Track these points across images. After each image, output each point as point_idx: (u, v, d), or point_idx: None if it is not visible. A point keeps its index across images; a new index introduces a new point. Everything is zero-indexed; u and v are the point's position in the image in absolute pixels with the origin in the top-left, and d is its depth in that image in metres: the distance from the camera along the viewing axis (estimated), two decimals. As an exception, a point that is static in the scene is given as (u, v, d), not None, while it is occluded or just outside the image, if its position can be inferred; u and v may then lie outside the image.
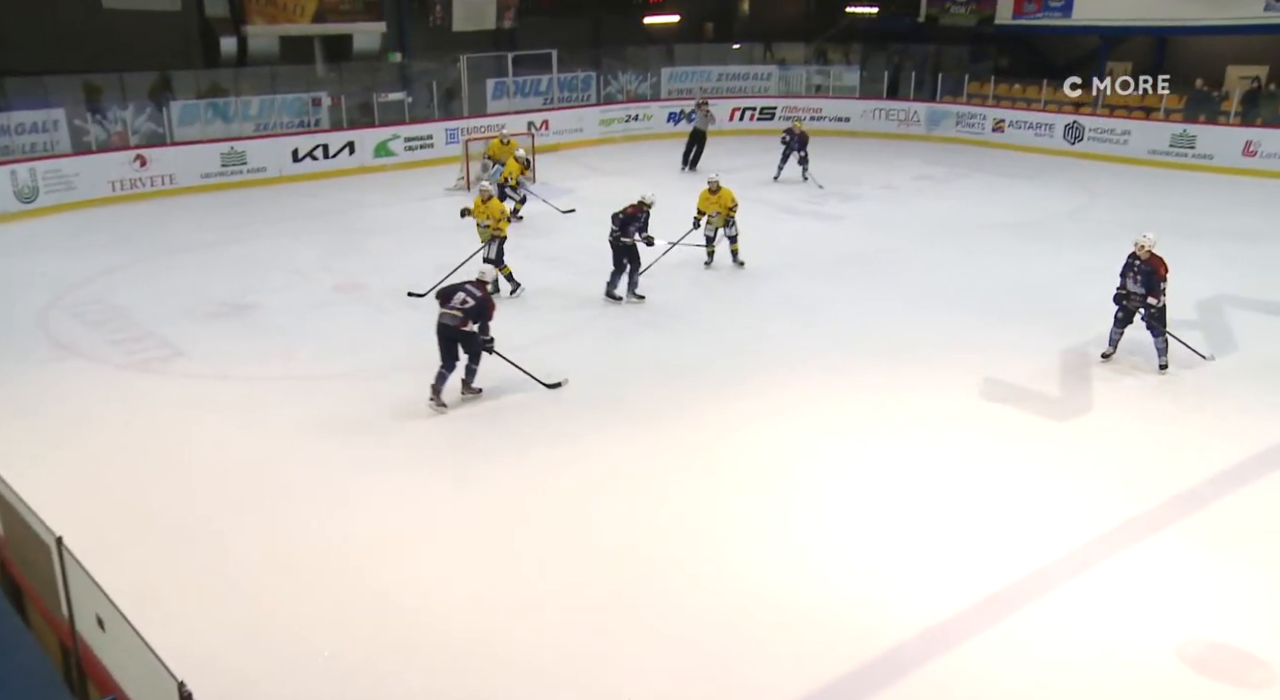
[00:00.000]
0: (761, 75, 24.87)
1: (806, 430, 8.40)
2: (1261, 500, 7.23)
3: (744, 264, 13.05)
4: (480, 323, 8.77)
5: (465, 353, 8.92)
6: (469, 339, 8.83)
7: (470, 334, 8.79)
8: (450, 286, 9.03)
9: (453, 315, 8.69)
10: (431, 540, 6.81)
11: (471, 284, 8.95)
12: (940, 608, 5.99)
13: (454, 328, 8.72)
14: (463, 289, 8.87)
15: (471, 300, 8.75)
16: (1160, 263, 9.33)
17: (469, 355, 8.96)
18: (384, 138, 19.76)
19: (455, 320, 8.70)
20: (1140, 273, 9.41)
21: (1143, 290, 9.42)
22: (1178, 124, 19.66)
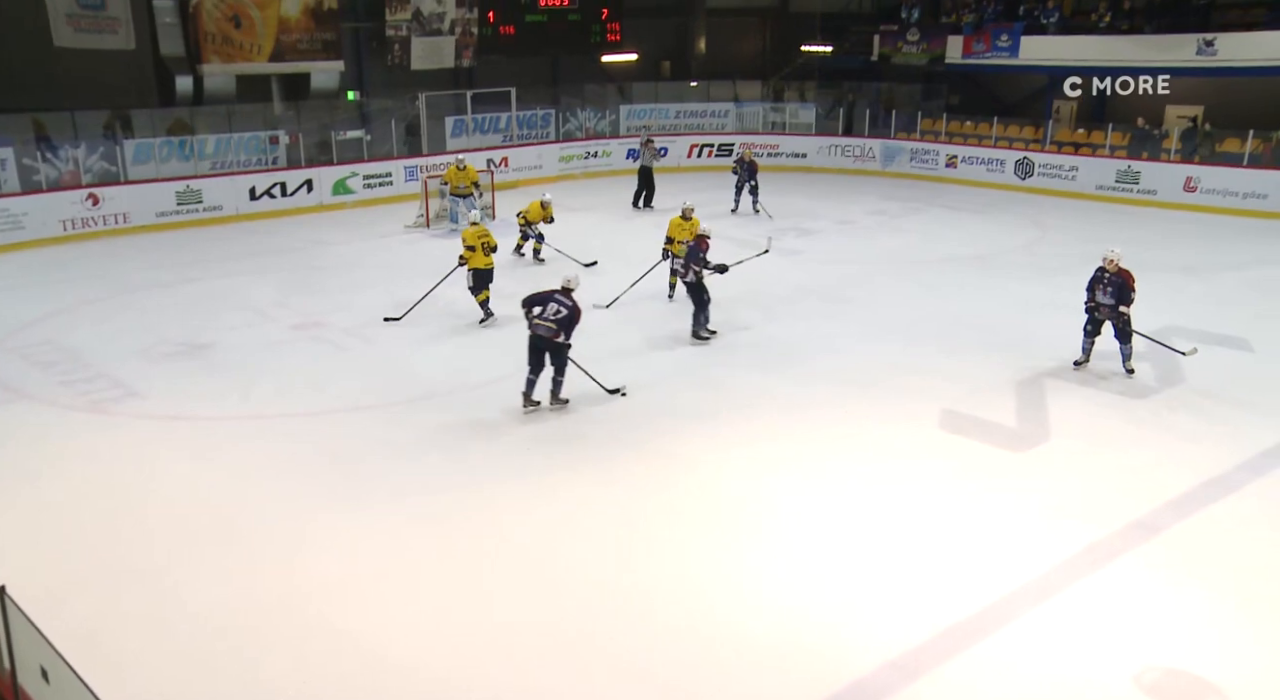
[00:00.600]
0: (719, 112, 25.21)
1: (769, 464, 8.43)
2: (1212, 527, 7.37)
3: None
4: (569, 331, 9.10)
5: (552, 364, 9.20)
6: (559, 350, 9.17)
7: (561, 345, 9.14)
8: (538, 295, 9.28)
9: (548, 327, 9.04)
10: (395, 579, 6.72)
11: (560, 293, 9.24)
12: (903, 639, 6.02)
13: (548, 339, 9.01)
14: (553, 299, 9.18)
15: (564, 310, 9.08)
16: (1129, 275, 10.09)
17: (555, 367, 9.23)
18: (343, 175, 19.71)
19: (550, 331, 9.03)
20: (1111, 285, 10.08)
21: (1112, 301, 10.09)
22: (1122, 160, 20.23)
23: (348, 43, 22.10)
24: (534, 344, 9.13)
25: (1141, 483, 8.00)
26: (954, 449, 8.72)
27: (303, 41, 20.75)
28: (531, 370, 9.24)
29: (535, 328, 9.09)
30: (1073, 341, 11.14)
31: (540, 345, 9.11)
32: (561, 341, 9.11)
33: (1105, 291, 10.10)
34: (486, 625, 6.23)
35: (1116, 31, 21.24)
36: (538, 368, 9.24)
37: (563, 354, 9.20)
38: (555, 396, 9.40)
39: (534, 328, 9.11)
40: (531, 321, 9.14)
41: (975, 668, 5.79)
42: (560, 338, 9.08)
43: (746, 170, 18.54)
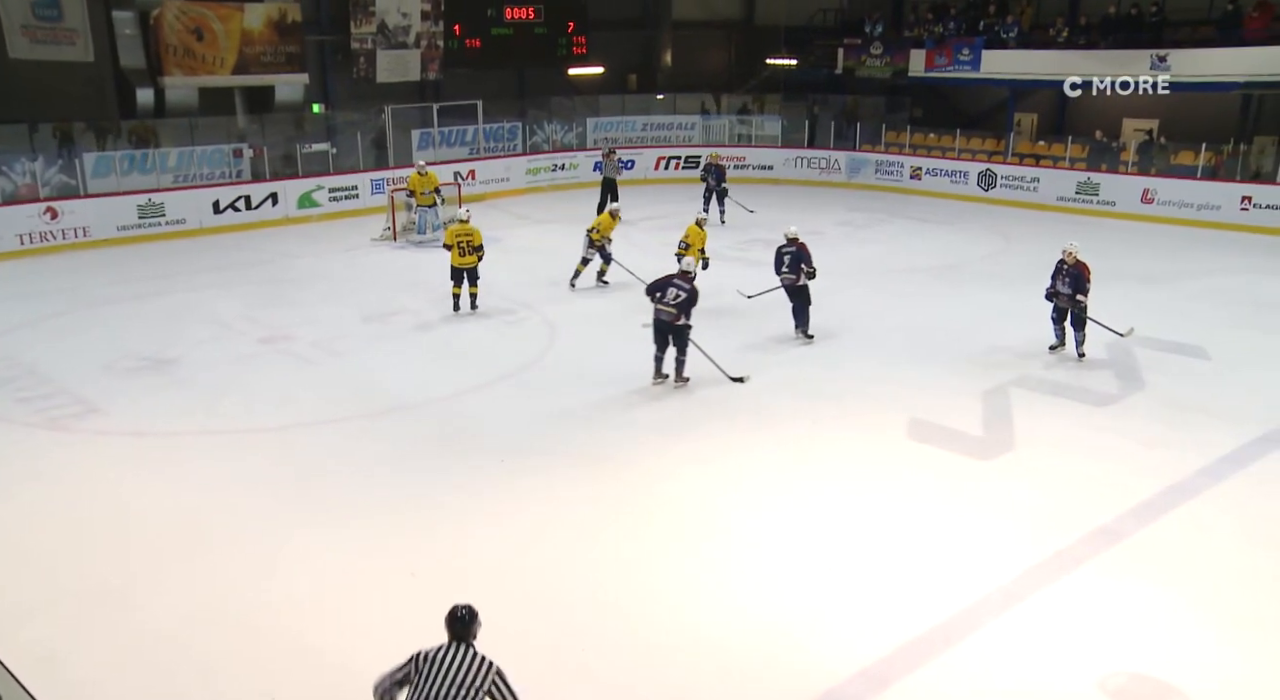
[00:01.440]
0: (685, 125, 25.35)
1: (737, 475, 8.46)
2: (1173, 532, 7.49)
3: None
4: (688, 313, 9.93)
5: (674, 344, 10.13)
6: (680, 331, 10.06)
7: (682, 327, 10.03)
8: (659, 281, 10.18)
9: (668, 311, 9.97)
10: (363, 595, 6.66)
11: (679, 277, 10.08)
12: (873, 648, 6.05)
13: (670, 322, 9.96)
14: (672, 284, 10.05)
15: (683, 293, 9.92)
16: (1085, 267, 10.96)
17: (677, 347, 10.15)
18: (308, 189, 19.57)
19: (671, 316, 9.97)
20: (1068, 276, 10.94)
21: (1070, 290, 10.93)
22: (1082, 172, 20.58)
23: (312, 55, 22.00)
24: (657, 326, 10.11)
25: (1106, 489, 8.11)
26: (922, 458, 8.80)
27: (266, 54, 20.62)
28: (658, 349, 10.26)
29: (658, 312, 10.05)
30: (1040, 350, 11.34)
31: (663, 327, 10.06)
32: (681, 324, 9.99)
33: (1064, 281, 11.00)
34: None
35: (1074, 46, 21.63)
36: (663, 346, 10.25)
37: (683, 335, 10.11)
38: (678, 374, 10.32)
39: (657, 312, 10.05)
40: (655, 306, 10.06)
41: (945, 675, 5.84)
42: (680, 320, 9.98)
43: (714, 174, 18.65)
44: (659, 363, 10.32)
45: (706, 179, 18.79)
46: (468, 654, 4.37)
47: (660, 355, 10.29)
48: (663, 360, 10.32)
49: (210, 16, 19.70)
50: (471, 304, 13.13)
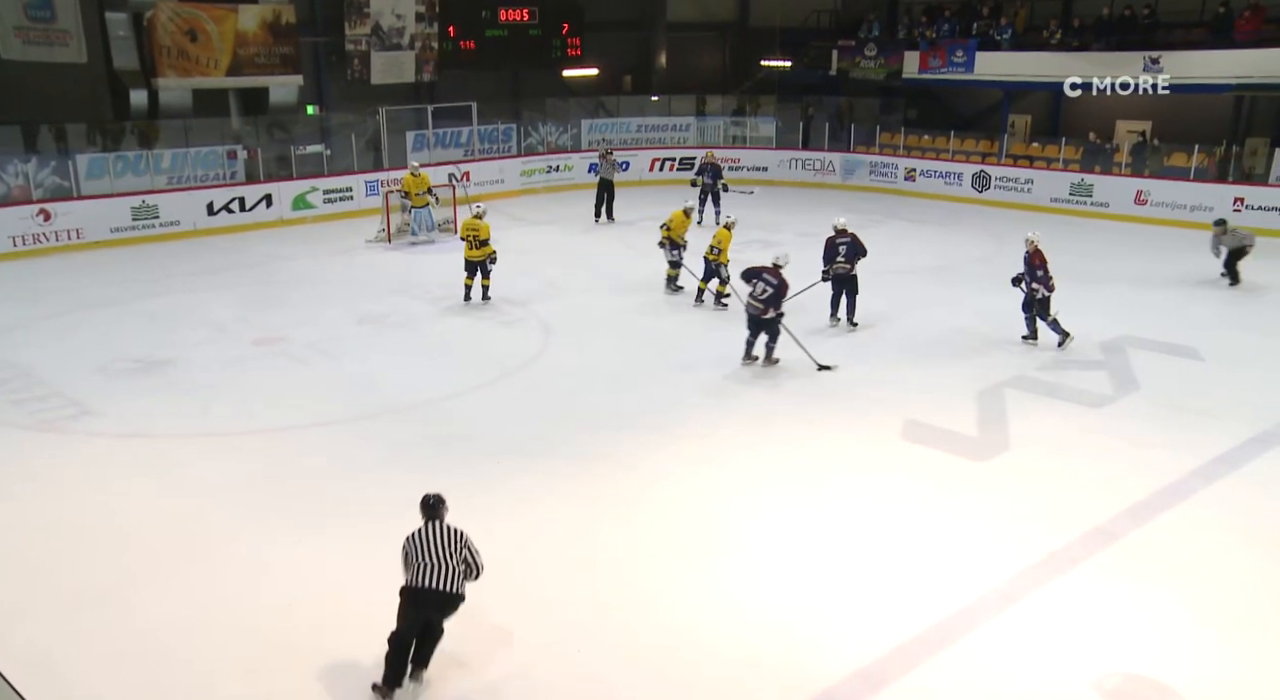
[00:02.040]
0: (680, 126, 25.35)
1: (735, 476, 8.47)
2: (1168, 533, 7.51)
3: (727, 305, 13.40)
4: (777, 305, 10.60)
5: (765, 332, 10.71)
6: (770, 323, 10.73)
7: (771, 320, 10.70)
8: (750, 271, 10.84)
9: (755, 306, 10.65)
10: (356, 598, 6.64)
11: (768, 272, 10.67)
12: (869, 649, 6.06)
13: (758, 316, 10.65)
14: (761, 278, 10.67)
15: (770, 288, 10.52)
16: (1038, 255, 11.52)
17: (768, 335, 10.76)
18: (303, 190, 19.54)
19: (758, 310, 10.65)
20: (1026, 263, 11.63)
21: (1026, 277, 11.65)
22: (1075, 174, 20.62)
23: (307, 57, 21.95)
24: (750, 316, 10.74)
25: (1100, 490, 8.13)
26: (917, 459, 8.81)
27: (261, 56, 20.58)
28: (751, 335, 10.87)
29: (748, 307, 10.70)
30: (1034, 351, 11.38)
31: (754, 322, 10.73)
32: (769, 317, 10.62)
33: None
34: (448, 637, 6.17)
35: (1067, 48, 21.68)
36: (755, 333, 10.83)
37: (774, 326, 10.75)
38: (768, 357, 10.94)
39: (748, 307, 10.73)
40: (746, 299, 10.74)
41: (940, 676, 5.85)
42: (768, 314, 10.59)
43: (711, 173, 18.66)
44: (750, 345, 10.92)
45: (703, 178, 18.79)
46: (442, 526, 5.78)
47: (752, 340, 10.88)
48: (754, 344, 10.90)
49: (204, 18, 19.64)
50: (483, 295, 13.64)
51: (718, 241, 13.29)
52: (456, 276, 15.28)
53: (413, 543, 5.69)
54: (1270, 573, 6.94)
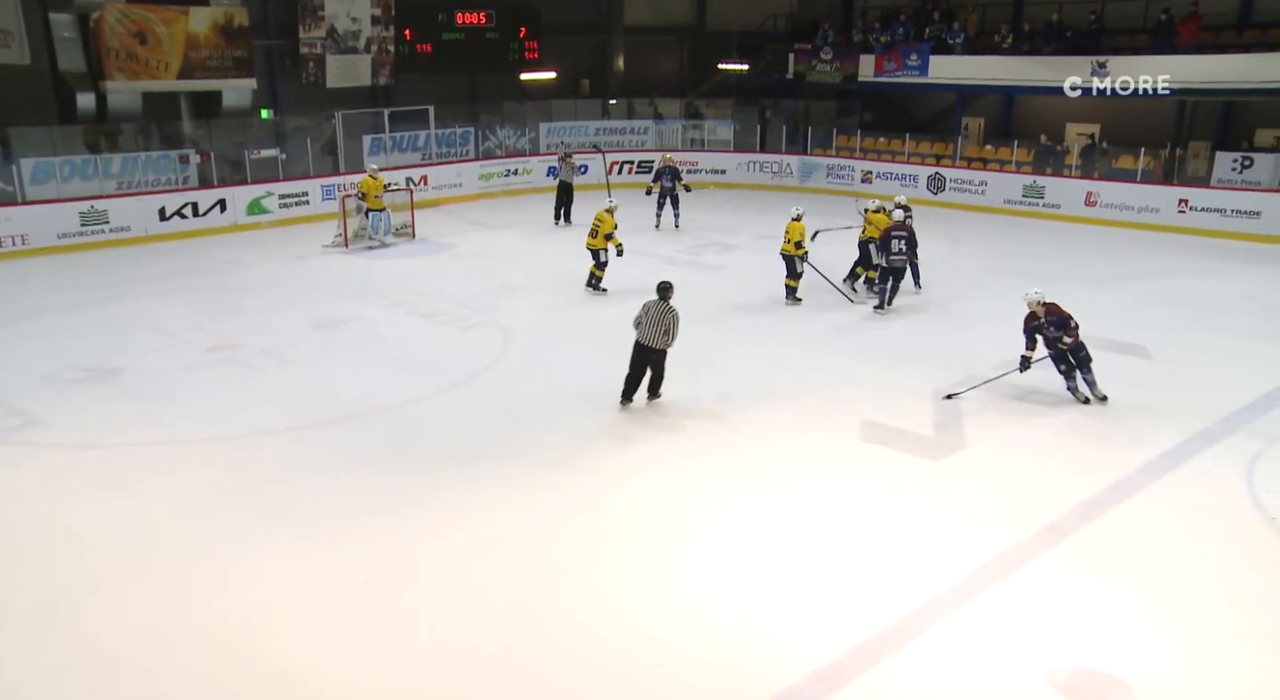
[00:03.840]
0: (638, 129, 25.41)
1: (695, 478, 8.51)
2: (1117, 529, 7.66)
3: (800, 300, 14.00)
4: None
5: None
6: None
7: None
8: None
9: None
10: (318, 607, 6.60)
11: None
12: (826, 650, 6.12)
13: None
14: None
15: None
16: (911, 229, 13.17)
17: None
18: (257, 195, 19.30)
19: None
20: (900, 239, 13.15)
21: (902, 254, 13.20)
22: (1028, 175, 20.98)
23: (260, 60, 21.69)
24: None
25: (1052, 487, 8.28)
26: (875, 460, 8.91)
27: (213, 59, 20.31)
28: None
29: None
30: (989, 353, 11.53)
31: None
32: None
33: (898, 244, 13.14)
34: (411, 650, 6.15)
35: (1018, 52, 22.06)
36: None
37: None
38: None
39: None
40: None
41: (897, 675, 5.92)
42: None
43: (669, 176, 18.71)
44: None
45: (661, 181, 18.83)
46: (663, 305, 9.69)
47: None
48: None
49: (153, 20, 19.34)
50: (592, 282, 14.43)
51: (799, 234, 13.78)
52: (414, 280, 15.24)
53: (644, 310, 9.65)
54: (1215, 565, 7.11)
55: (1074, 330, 9.98)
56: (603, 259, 14.34)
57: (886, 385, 10.72)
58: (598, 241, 14.23)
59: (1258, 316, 13.20)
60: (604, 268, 14.40)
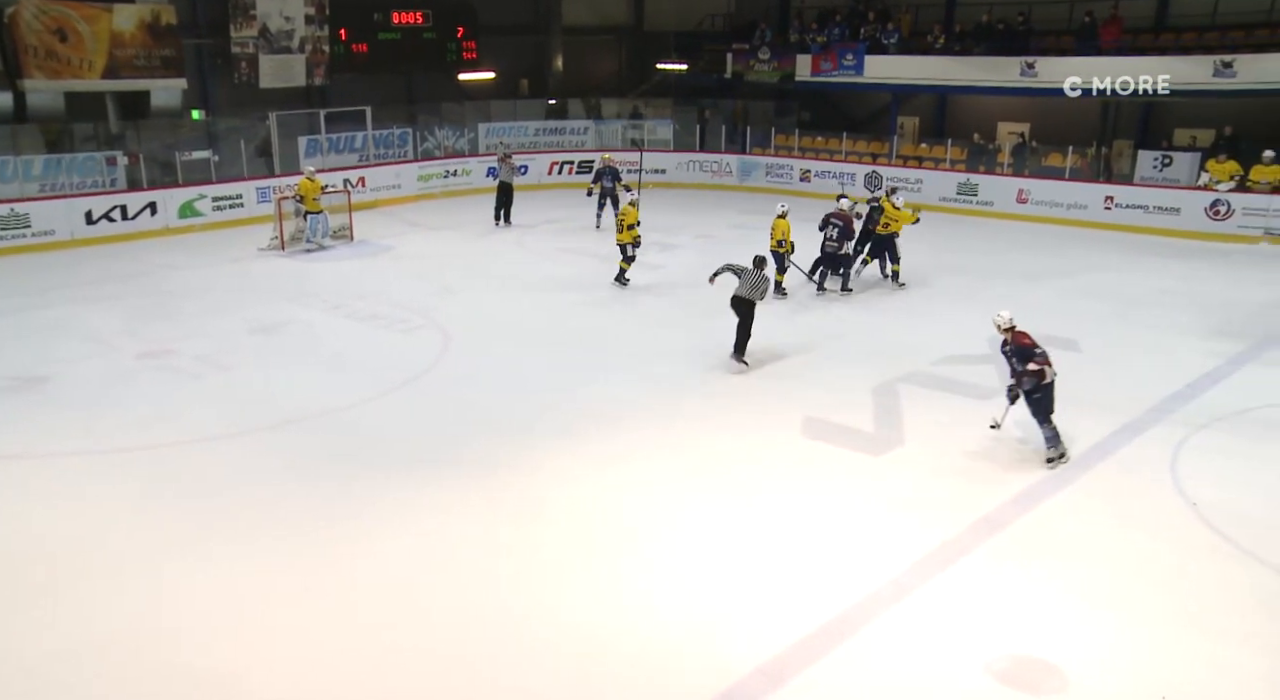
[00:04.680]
0: (578, 130, 25.39)
1: (639, 478, 8.54)
2: (1051, 520, 7.87)
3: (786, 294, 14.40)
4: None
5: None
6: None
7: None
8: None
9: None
10: (258, 616, 6.49)
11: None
12: (770, 646, 6.19)
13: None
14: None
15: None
16: (850, 219, 13.78)
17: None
18: (190, 198, 18.86)
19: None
20: (834, 227, 14.01)
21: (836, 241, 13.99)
22: (962, 173, 21.40)
23: (190, 60, 21.18)
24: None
25: (988, 480, 8.47)
26: (816, 455, 9.03)
27: (140, 57, 19.77)
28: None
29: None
30: (927, 348, 11.76)
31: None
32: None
33: (832, 231, 13.93)
34: (355, 654, 6.09)
35: (951, 53, 22.50)
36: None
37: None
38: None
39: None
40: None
41: (840, 668, 6.01)
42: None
43: (610, 176, 18.72)
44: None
45: (601, 182, 18.83)
46: (759, 272, 11.25)
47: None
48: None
49: (73, 17, 18.75)
50: (619, 276, 14.77)
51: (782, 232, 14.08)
52: (353, 283, 15.05)
53: (743, 270, 11.35)
54: (1143, 552, 7.34)
55: (1033, 369, 8.57)
56: (629, 253, 14.67)
57: (828, 381, 10.86)
58: (624, 235, 14.54)
59: (1178, 310, 13.64)
60: (631, 262, 14.76)
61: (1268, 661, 6.08)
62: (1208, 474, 8.56)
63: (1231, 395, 10.39)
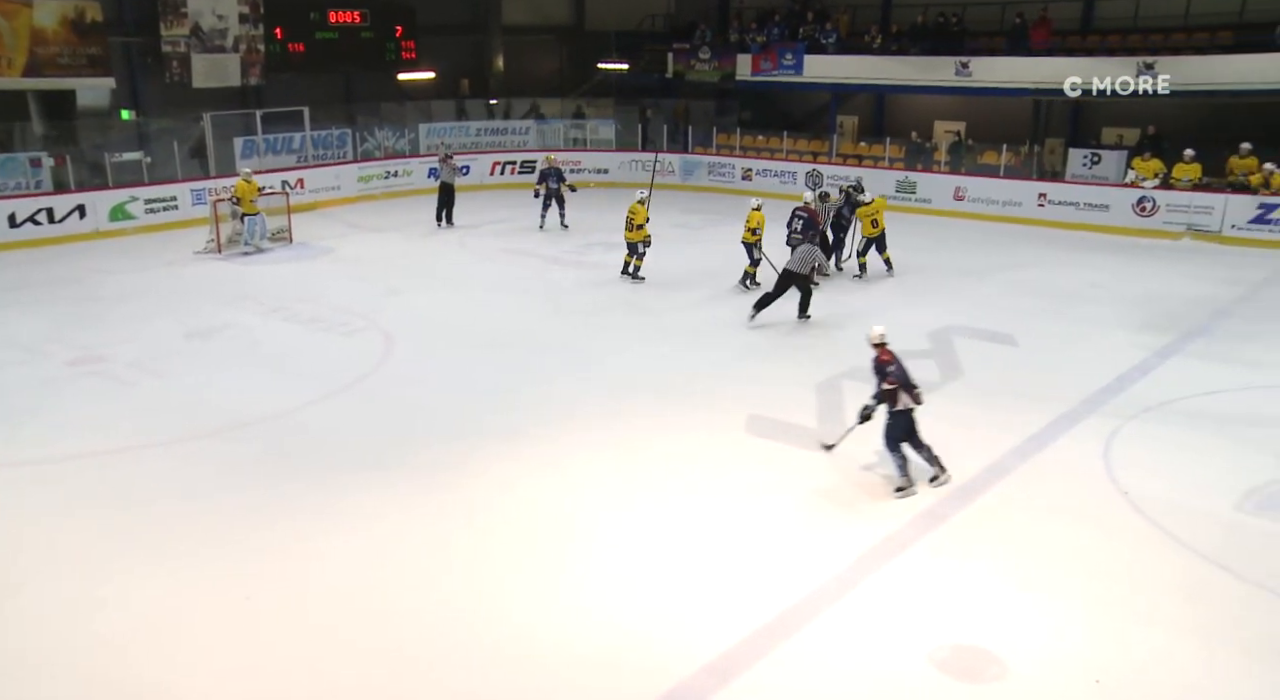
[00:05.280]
0: (519, 130, 25.28)
1: (584, 478, 8.53)
2: (989, 513, 8.02)
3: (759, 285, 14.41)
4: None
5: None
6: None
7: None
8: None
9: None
10: (199, 626, 6.36)
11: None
12: (716, 644, 6.22)
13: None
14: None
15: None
16: (816, 213, 14.27)
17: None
18: (121, 200, 18.39)
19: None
20: (799, 219, 14.24)
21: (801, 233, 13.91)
22: (900, 171, 21.74)
23: (119, 58, 20.66)
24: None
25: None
26: (761, 452, 9.10)
27: (64, 56, 19.22)
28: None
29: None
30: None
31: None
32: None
33: (796, 223, 14.23)
34: (303, 662, 6.00)
35: (888, 53, 22.85)
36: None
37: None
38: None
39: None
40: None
41: (785, 664, 6.07)
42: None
43: (555, 177, 18.68)
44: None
45: (547, 183, 18.75)
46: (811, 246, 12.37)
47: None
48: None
49: (-10, 13, 18.19)
50: (635, 273, 15.09)
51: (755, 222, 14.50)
52: (292, 286, 14.81)
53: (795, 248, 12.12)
54: (1078, 542, 7.53)
55: (885, 388, 8.12)
56: (640, 250, 14.93)
57: (771, 378, 10.96)
58: (634, 234, 14.83)
59: (1109, 304, 14.01)
60: (642, 258, 15.05)
61: (1196, 643, 6.28)
62: (1138, 464, 8.80)
63: (1159, 387, 10.69)
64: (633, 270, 15.14)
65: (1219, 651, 6.20)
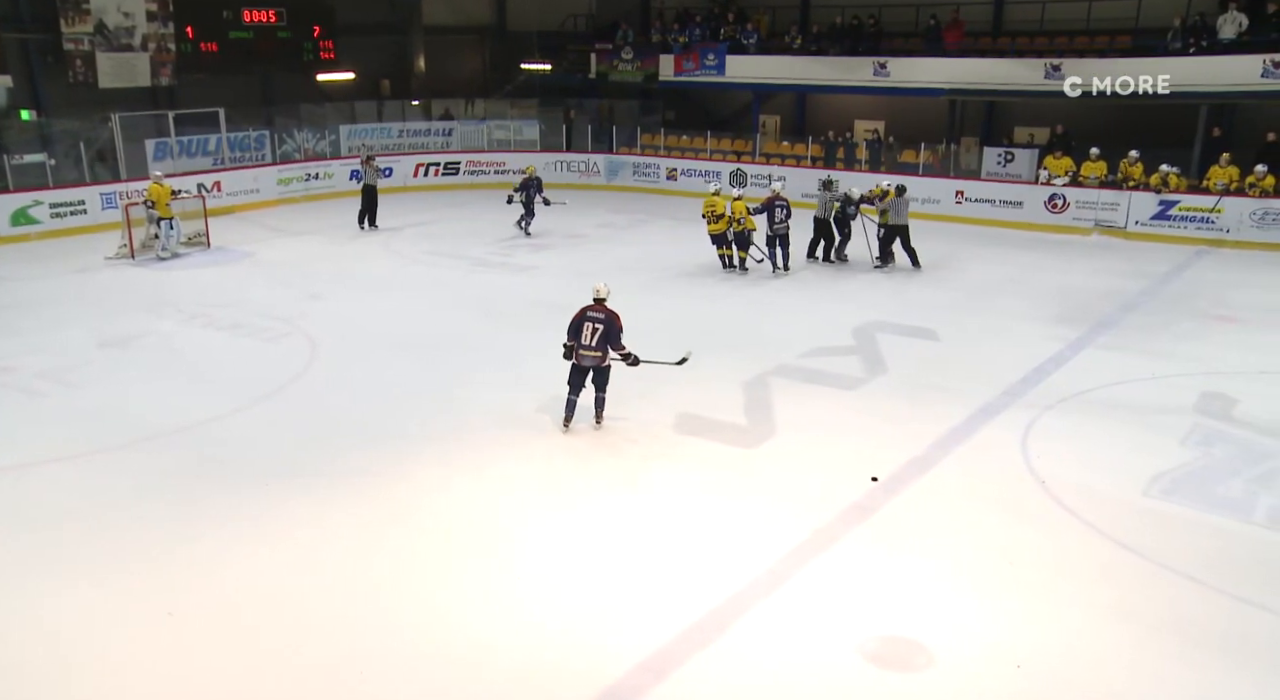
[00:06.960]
0: (442, 131, 25.03)
1: (511, 482, 8.48)
2: (916, 503, 8.20)
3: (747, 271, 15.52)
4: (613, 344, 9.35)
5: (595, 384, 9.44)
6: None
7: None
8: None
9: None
10: (118, 647, 6.15)
11: (593, 309, 9.38)
12: (650, 642, 6.24)
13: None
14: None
15: (600, 326, 9.23)
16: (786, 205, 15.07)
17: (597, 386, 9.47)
18: (23, 204, 17.71)
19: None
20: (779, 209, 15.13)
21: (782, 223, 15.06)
22: (822, 170, 22.05)
23: (16, 56, 19.88)
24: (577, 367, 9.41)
25: (857, 467, 8.74)
26: (690, 450, 9.17)
27: (-47, 54, 18.44)
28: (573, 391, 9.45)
29: (581, 359, 9.34)
30: (794, 341, 12.05)
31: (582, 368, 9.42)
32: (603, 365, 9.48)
33: (781, 213, 14.81)
34: (231, 676, 5.85)
35: (807, 53, 23.20)
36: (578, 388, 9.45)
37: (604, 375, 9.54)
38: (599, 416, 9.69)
39: (580, 359, 9.35)
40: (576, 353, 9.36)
41: (719, 660, 6.11)
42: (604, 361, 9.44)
43: (536, 187, 18.56)
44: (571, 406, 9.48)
45: (526, 191, 18.54)
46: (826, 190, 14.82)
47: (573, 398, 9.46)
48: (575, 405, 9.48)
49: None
50: (733, 263, 15.66)
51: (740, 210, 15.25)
52: (211, 291, 14.45)
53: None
54: (999, 530, 7.75)
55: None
56: (729, 238, 15.39)
57: (698, 375, 11.01)
58: (716, 226, 15.35)
59: (1023, 298, 14.46)
60: (745, 248, 15.50)
61: (1113, 626, 6.51)
62: (1054, 453, 9.09)
63: (1073, 378, 11.07)
64: (737, 262, 15.61)
65: (1131, 630, 6.45)
